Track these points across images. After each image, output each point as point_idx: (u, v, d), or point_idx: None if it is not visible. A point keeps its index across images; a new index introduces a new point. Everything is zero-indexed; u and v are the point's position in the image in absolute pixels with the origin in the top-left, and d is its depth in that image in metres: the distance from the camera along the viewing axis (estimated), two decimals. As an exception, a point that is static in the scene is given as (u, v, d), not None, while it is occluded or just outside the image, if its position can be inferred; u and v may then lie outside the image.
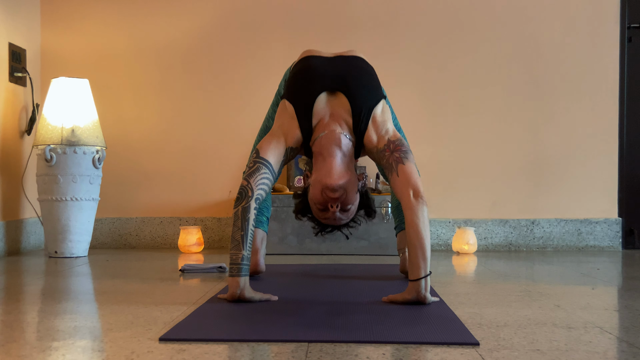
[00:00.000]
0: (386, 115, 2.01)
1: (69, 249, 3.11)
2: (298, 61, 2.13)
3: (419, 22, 3.61)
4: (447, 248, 3.58)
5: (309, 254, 3.24)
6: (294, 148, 1.98)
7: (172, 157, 3.64)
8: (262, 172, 1.89)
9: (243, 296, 1.82)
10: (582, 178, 3.59)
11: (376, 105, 1.99)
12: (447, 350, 1.31)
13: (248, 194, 1.86)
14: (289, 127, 1.98)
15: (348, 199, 1.87)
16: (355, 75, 2.03)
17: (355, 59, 2.11)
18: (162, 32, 3.64)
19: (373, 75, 2.09)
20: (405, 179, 1.86)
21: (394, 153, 1.92)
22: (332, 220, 1.91)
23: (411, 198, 1.83)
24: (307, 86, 2.01)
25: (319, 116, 1.97)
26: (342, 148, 1.91)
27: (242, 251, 1.82)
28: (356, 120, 1.96)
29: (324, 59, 2.11)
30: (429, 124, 3.60)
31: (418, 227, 1.80)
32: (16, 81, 3.34)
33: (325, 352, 1.30)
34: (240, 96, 3.63)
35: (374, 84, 2.05)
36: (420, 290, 1.80)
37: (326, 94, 2.00)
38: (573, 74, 3.60)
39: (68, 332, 1.48)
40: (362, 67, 2.08)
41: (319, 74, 2.03)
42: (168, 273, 2.52)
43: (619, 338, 1.44)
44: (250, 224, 1.84)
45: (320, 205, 1.88)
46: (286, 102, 2.02)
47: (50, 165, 3.07)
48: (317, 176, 1.89)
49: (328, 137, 1.92)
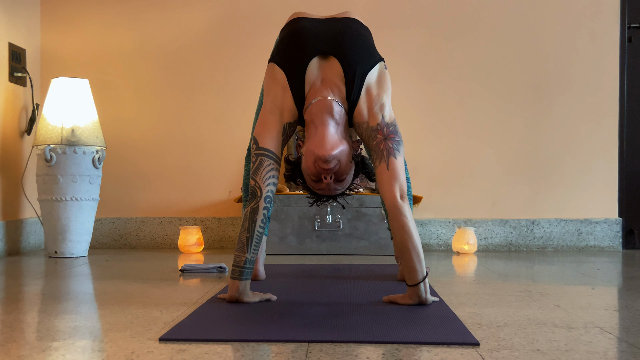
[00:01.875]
0: (383, 87, 1.88)
1: (69, 249, 3.11)
2: (287, 23, 2.00)
3: (419, 22, 3.61)
4: (447, 248, 3.58)
5: (309, 254, 3.24)
6: (292, 122, 1.88)
7: (172, 157, 3.64)
8: (266, 166, 1.81)
9: (242, 300, 1.80)
10: (582, 178, 3.59)
11: (371, 70, 1.87)
12: (447, 350, 1.31)
13: (257, 194, 1.80)
14: (282, 100, 1.87)
15: (342, 170, 1.79)
16: (349, 37, 1.90)
17: (350, 20, 1.98)
18: (162, 32, 3.64)
19: (367, 37, 1.95)
20: (395, 175, 1.79)
21: (387, 140, 1.82)
22: (327, 190, 1.84)
23: (398, 199, 1.78)
24: (298, 50, 1.88)
25: (311, 82, 1.86)
26: (334, 116, 1.81)
27: (246, 254, 1.78)
28: (349, 86, 1.84)
29: (315, 20, 1.99)
30: (429, 124, 3.60)
31: (408, 227, 1.75)
32: (16, 81, 3.34)
33: (325, 352, 1.30)
34: (241, 96, 3.63)
35: (369, 48, 1.92)
36: (421, 295, 1.77)
37: (318, 58, 1.88)
38: (573, 73, 3.60)
39: (68, 332, 1.48)
40: (357, 29, 1.95)
41: (310, 36, 1.90)
42: (168, 273, 2.52)
43: (619, 338, 1.44)
44: (258, 226, 1.78)
45: (313, 176, 1.80)
46: (275, 67, 1.90)
47: (50, 165, 3.07)
48: (309, 146, 1.79)
49: (319, 104, 1.82)
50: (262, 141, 1.84)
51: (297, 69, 1.87)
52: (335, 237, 3.25)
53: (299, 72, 1.87)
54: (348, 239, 3.25)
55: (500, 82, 3.61)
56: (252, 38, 3.63)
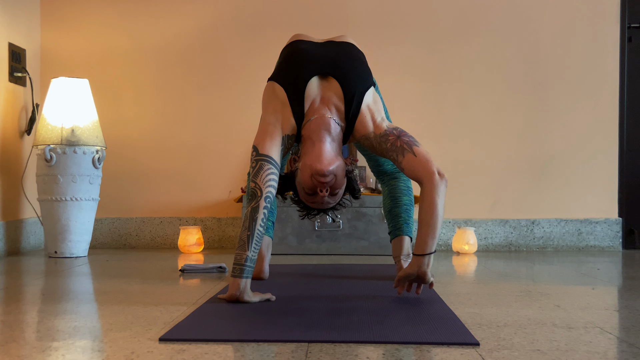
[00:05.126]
0: (379, 105, 2.01)
1: (69, 249, 3.11)
2: (288, 44, 2.10)
3: (419, 22, 3.61)
4: (447, 248, 3.58)
5: (309, 254, 3.24)
6: (290, 135, 1.97)
7: (172, 157, 3.64)
8: (266, 169, 1.87)
9: (242, 298, 1.81)
10: (582, 178, 3.59)
11: (367, 91, 1.97)
12: (447, 351, 1.31)
13: (257, 194, 1.85)
14: (282, 114, 1.95)
15: (337, 184, 1.88)
16: (347, 60, 2.02)
17: (347, 44, 2.10)
18: (162, 32, 3.64)
19: (364, 61, 2.07)
20: (427, 158, 1.87)
21: (401, 137, 1.91)
22: (320, 204, 1.92)
23: (436, 175, 1.84)
24: (299, 70, 1.98)
25: (310, 99, 1.96)
26: (331, 133, 1.91)
27: (246, 252, 1.81)
28: (348, 105, 1.95)
29: (314, 43, 2.09)
30: (428, 124, 3.60)
31: (436, 206, 1.82)
32: (16, 81, 3.34)
33: (325, 352, 1.30)
34: (240, 96, 3.63)
35: (365, 70, 2.03)
36: (422, 265, 1.83)
37: (317, 78, 1.98)
38: (573, 73, 3.60)
39: (68, 332, 1.48)
40: (354, 52, 2.07)
41: (310, 57, 2.00)
42: (168, 273, 2.52)
43: (619, 338, 1.44)
44: (258, 224, 1.82)
45: (309, 189, 1.89)
46: (275, 85, 1.98)
47: (50, 165, 3.07)
48: (306, 160, 1.88)
49: (317, 121, 1.91)
50: (262, 149, 1.91)
51: (296, 86, 1.96)
52: (335, 237, 3.25)
53: (298, 90, 1.96)
54: (348, 239, 3.25)
55: (500, 81, 3.61)
56: (252, 38, 3.63)
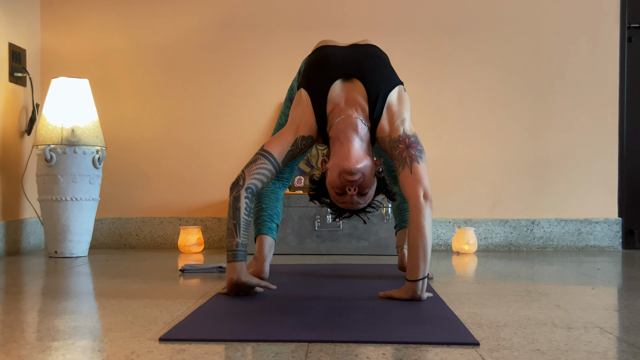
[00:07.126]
0: (404, 105, 2.00)
1: (69, 249, 3.11)
2: (313, 51, 2.16)
3: (420, 22, 3.61)
4: (447, 248, 3.58)
5: (309, 254, 3.24)
6: (306, 137, 1.98)
7: (172, 157, 3.64)
8: (259, 163, 1.92)
9: (240, 280, 1.84)
10: (582, 178, 3.59)
11: (391, 91, 1.99)
12: (447, 350, 1.31)
13: (239, 182, 1.90)
14: (302, 116, 1.98)
15: (366, 183, 1.87)
16: (371, 61, 2.04)
17: (370, 46, 2.13)
18: (162, 32, 3.64)
19: (387, 62, 2.10)
20: (419, 178, 1.87)
21: (409, 149, 1.92)
22: (350, 204, 1.91)
23: (421, 199, 1.85)
24: (323, 73, 2.02)
25: (335, 102, 1.98)
26: (359, 132, 1.92)
27: (235, 238, 1.85)
28: (372, 105, 1.96)
29: (338, 47, 2.13)
30: (429, 124, 3.60)
31: (423, 228, 1.82)
32: (16, 81, 3.34)
33: (325, 352, 1.30)
34: (240, 96, 3.63)
35: (389, 70, 2.05)
36: (417, 291, 1.84)
37: (341, 80, 2.00)
38: (573, 73, 3.60)
39: (68, 332, 1.48)
40: (377, 54, 2.10)
41: (334, 61, 2.04)
42: (168, 273, 2.52)
43: (619, 338, 1.44)
44: (242, 213, 1.86)
45: (338, 189, 1.88)
46: (302, 91, 2.03)
47: (50, 165, 3.07)
48: (334, 160, 1.89)
49: (344, 121, 1.93)
50: (267, 146, 1.96)
51: (320, 88, 1.99)
52: (335, 237, 3.25)
53: (322, 91, 1.99)
54: (348, 239, 3.25)
55: (500, 81, 3.61)
56: (252, 38, 3.63)
